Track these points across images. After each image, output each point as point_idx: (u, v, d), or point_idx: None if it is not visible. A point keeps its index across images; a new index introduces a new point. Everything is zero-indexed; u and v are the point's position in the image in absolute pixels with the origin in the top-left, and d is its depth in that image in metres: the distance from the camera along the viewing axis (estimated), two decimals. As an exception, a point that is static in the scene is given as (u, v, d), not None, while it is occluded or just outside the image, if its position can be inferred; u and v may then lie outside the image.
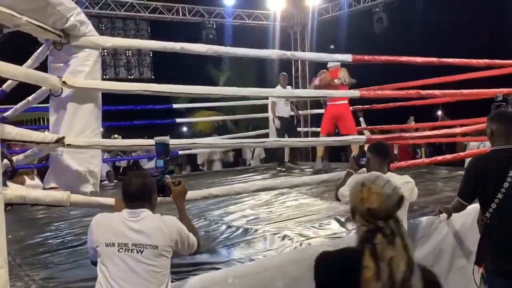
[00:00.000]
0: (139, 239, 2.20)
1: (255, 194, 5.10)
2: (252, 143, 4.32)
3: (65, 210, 4.96)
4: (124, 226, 2.24)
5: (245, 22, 11.06)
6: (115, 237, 2.22)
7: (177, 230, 2.31)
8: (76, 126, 2.98)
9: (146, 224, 2.24)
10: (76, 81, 2.81)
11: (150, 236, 2.21)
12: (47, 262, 3.18)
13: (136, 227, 2.23)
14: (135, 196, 2.31)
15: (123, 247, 2.19)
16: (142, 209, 2.29)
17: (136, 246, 2.19)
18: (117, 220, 2.28)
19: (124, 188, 2.35)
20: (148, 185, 2.36)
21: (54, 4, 2.56)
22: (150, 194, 2.36)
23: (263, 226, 3.64)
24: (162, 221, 2.29)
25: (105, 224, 2.29)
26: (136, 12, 9.76)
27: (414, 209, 3.64)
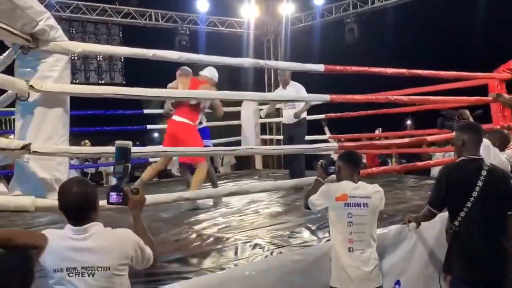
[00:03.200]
0: (88, 261, 2.02)
1: (226, 202, 5.09)
2: (225, 151, 4.29)
3: (31, 217, 4.83)
4: (69, 247, 2.04)
5: (218, 29, 11.07)
6: (61, 261, 2.02)
7: (132, 245, 2.12)
8: (43, 132, 2.90)
9: (95, 242, 2.05)
10: (44, 85, 2.74)
11: (100, 256, 2.03)
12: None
13: (83, 247, 2.03)
14: (79, 209, 2.08)
15: (72, 271, 2.01)
16: (90, 224, 2.08)
17: (86, 269, 2.01)
18: (61, 241, 2.06)
19: (63, 201, 2.11)
20: (91, 193, 2.13)
21: (23, 8, 2.49)
22: (95, 203, 2.15)
23: (234, 235, 3.62)
24: (115, 237, 2.11)
25: (50, 248, 2.06)
26: (108, 16, 9.64)
27: (383, 217, 3.69)
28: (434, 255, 3.68)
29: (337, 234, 2.98)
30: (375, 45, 15.91)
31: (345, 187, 2.99)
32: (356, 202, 2.95)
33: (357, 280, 2.89)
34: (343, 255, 2.92)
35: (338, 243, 2.96)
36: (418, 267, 3.64)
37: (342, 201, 2.95)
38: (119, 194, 2.31)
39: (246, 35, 11.43)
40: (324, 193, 3.04)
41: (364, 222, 2.97)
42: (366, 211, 2.97)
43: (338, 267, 2.94)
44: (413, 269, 3.61)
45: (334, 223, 3.01)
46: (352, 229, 2.93)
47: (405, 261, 3.56)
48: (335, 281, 2.95)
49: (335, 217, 2.99)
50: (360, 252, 2.92)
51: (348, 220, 2.94)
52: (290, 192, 5.44)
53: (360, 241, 2.94)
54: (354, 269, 2.89)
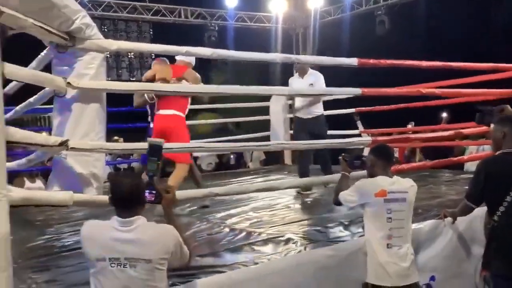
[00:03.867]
0: (132, 253, 2.05)
1: (257, 197, 5.10)
2: (255, 146, 4.30)
3: (67, 212, 4.96)
4: (114, 238, 2.08)
5: (247, 24, 11.07)
6: (105, 251, 2.07)
7: (174, 241, 2.16)
8: (81, 129, 2.97)
9: (140, 235, 2.09)
10: (81, 82, 2.80)
11: (144, 249, 2.06)
12: (50, 264, 3.17)
13: (128, 238, 2.07)
14: (128, 201, 2.12)
15: (115, 262, 2.05)
16: (136, 217, 2.13)
17: (129, 260, 2.05)
18: (107, 231, 2.11)
19: (114, 192, 2.16)
20: (141, 187, 2.19)
21: (59, 7, 2.55)
22: (141, 200, 2.20)
23: (266, 229, 3.63)
24: (158, 231, 2.15)
25: (94, 236, 2.14)
26: (139, 14, 9.78)
27: (418, 212, 3.62)
28: (470, 250, 3.60)
29: (374, 230, 2.91)
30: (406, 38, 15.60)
31: (382, 183, 2.93)
32: (395, 197, 2.90)
33: (395, 276, 2.84)
34: (381, 251, 2.87)
35: (375, 239, 2.90)
36: (454, 262, 3.57)
37: (381, 197, 2.88)
38: (152, 192, 2.31)
39: (275, 29, 11.40)
40: (360, 190, 2.97)
41: (403, 217, 2.93)
42: (405, 206, 2.93)
43: (375, 264, 2.89)
44: (449, 264, 3.54)
45: (371, 219, 2.94)
46: (391, 225, 2.88)
47: (440, 256, 3.49)
48: (371, 278, 2.90)
49: (373, 213, 2.92)
50: (398, 248, 2.88)
51: (387, 216, 2.88)
52: (320, 188, 5.41)
53: (399, 237, 2.89)
54: (392, 265, 2.85)
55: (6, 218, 2.02)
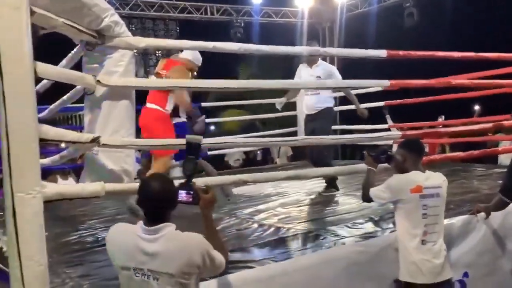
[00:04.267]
0: (154, 265, 1.96)
1: (285, 193, 5.08)
2: (283, 141, 4.28)
3: (99, 208, 5.05)
4: (138, 247, 1.99)
5: (273, 19, 11.04)
6: (130, 260, 2.00)
7: (201, 253, 1.99)
8: (111, 125, 3.01)
9: (164, 247, 1.96)
10: (110, 79, 2.83)
11: (166, 262, 1.95)
12: (83, 259, 3.23)
13: (151, 249, 1.97)
14: (157, 207, 2.01)
15: (139, 272, 1.97)
16: (163, 224, 2.00)
17: (152, 272, 1.95)
18: (131, 239, 2.01)
19: (143, 196, 2.04)
20: (171, 192, 2.06)
21: (89, 5, 2.59)
22: (174, 202, 2.08)
23: (295, 225, 3.62)
24: (183, 244, 2.00)
25: (119, 243, 2.06)
26: (166, 12, 9.88)
27: (450, 207, 3.55)
28: (506, 247, 3.51)
29: (409, 226, 2.84)
30: (435, 30, 15.29)
31: (417, 178, 2.86)
32: (430, 192, 2.84)
33: (429, 273, 2.79)
34: (415, 248, 2.81)
35: (409, 236, 2.83)
36: (487, 259, 3.48)
37: (417, 193, 2.81)
38: (189, 193, 2.18)
39: (300, 24, 11.33)
40: (394, 186, 2.89)
41: (437, 213, 2.87)
42: (439, 202, 2.87)
43: (408, 261, 2.83)
44: (482, 261, 3.45)
45: (405, 216, 2.86)
46: (426, 221, 2.82)
47: (473, 252, 3.41)
48: (404, 275, 2.85)
49: (408, 209, 2.84)
50: (432, 244, 2.82)
51: (422, 212, 2.82)
52: (348, 183, 5.36)
53: (433, 233, 2.84)
54: (426, 262, 2.79)
55: (41, 213, 2.06)
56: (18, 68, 2.00)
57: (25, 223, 2.00)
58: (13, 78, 1.99)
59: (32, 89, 2.07)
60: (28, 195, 2.01)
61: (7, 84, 1.98)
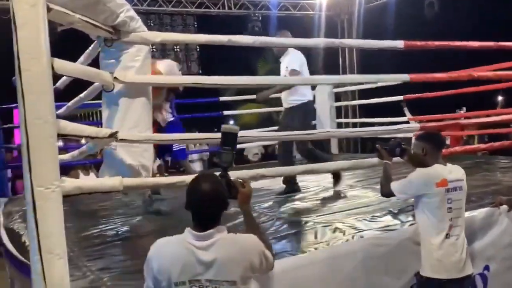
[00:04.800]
0: (213, 274, 1.82)
1: (303, 188, 5.06)
2: (300, 135, 4.26)
3: (118, 203, 5.12)
4: (192, 257, 1.83)
5: (291, 13, 10.97)
6: (185, 273, 1.83)
7: (258, 254, 1.90)
8: (129, 121, 3.03)
9: (219, 253, 1.83)
10: (127, 76, 2.85)
11: (226, 269, 1.82)
12: (103, 253, 3.28)
13: (207, 258, 1.82)
14: (210, 210, 1.87)
15: (196, 284, 1.82)
16: (215, 229, 1.86)
17: (211, 282, 1.81)
18: (182, 249, 1.85)
19: (194, 200, 1.89)
20: (222, 193, 1.91)
21: (104, 1, 2.60)
22: (226, 204, 1.92)
23: (313, 218, 3.60)
24: (239, 246, 1.88)
25: (169, 258, 1.87)
26: (183, 7, 9.89)
27: (471, 200, 3.49)
28: (529, 240, 3.44)
29: (434, 221, 2.77)
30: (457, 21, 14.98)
31: (442, 172, 2.80)
32: (454, 186, 2.79)
33: (452, 268, 2.74)
34: (439, 243, 2.75)
35: (434, 230, 2.77)
36: (509, 252, 3.42)
37: (443, 187, 2.75)
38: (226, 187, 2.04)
39: (318, 17, 11.23)
40: (419, 180, 2.81)
41: (461, 206, 2.82)
42: (462, 195, 2.82)
43: (431, 256, 2.77)
44: (504, 254, 3.39)
45: (430, 211, 2.78)
46: (451, 215, 2.77)
47: (495, 245, 3.35)
48: (426, 270, 2.79)
49: (433, 204, 2.77)
50: (455, 238, 2.77)
51: (448, 206, 2.76)
52: (367, 176, 5.32)
53: (457, 227, 2.78)
54: (449, 257, 2.74)
55: (60, 207, 2.09)
56: (36, 65, 2.02)
57: (45, 217, 2.03)
58: (31, 75, 2.01)
59: (50, 85, 2.09)
60: (48, 189, 2.04)
61: (26, 80, 2.01)
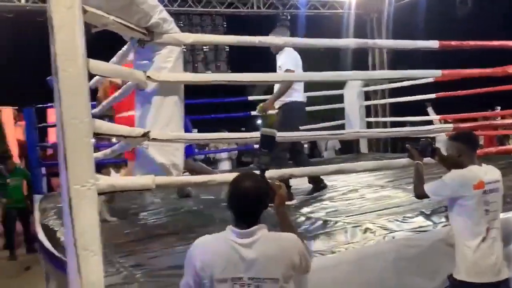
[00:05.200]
0: (255, 271, 1.83)
1: (332, 187, 5.04)
2: (330, 135, 4.23)
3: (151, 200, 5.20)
4: (235, 255, 1.86)
5: (319, 11, 10.92)
6: (227, 270, 1.85)
7: (298, 253, 1.93)
8: (161, 120, 3.08)
9: (262, 251, 1.85)
10: (160, 75, 2.89)
11: (269, 267, 1.84)
12: (135, 250, 3.33)
13: (249, 255, 1.85)
14: (252, 209, 1.90)
15: (237, 282, 1.84)
16: (257, 226, 1.89)
17: (253, 280, 1.83)
18: (225, 247, 1.88)
19: (236, 197, 1.93)
20: (265, 192, 1.95)
21: (138, 3, 2.66)
22: (267, 203, 1.96)
23: (343, 218, 3.58)
24: (281, 245, 1.91)
25: (211, 255, 1.90)
26: (213, 7, 9.97)
27: (507, 201, 3.40)
28: None
29: (470, 224, 2.69)
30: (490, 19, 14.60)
31: (478, 173, 2.72)
32: (491, 188, 2.71)
33: (489, 271, 2.66)
34: (475, 246, 2.67)
35: (470, 233, 2.69)
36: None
37: (480, 189, 2.68)
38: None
39: (347, 15, 11.14)
40: (455, 182, 2.73)
41: (497, 208, 2.75)
42: (498, 197, 2.75)
43: (467, 259, 2.69)
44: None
45: (466, 213, 2.70)
46: (488, 218, 2.69)
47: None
48: (461, 274, 2.70)
49: (470, 206, 2.69)
50: (492, 241, 2.69)
51: (484, 208, 2.69)
52: (398, 177, 5.25)
53: (493, 229, 2.70)
54: (485, 260, 2.66)
55: (95, 205, 2.14)
56: (72, 65, 2.08)
57: (80, 214, 2.08)
58: (68, 76, 2.07)
59: (85, 86, 2.14)
60: (83, 187, 2.09)
61: (62, 81, 2.06)
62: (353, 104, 8.30)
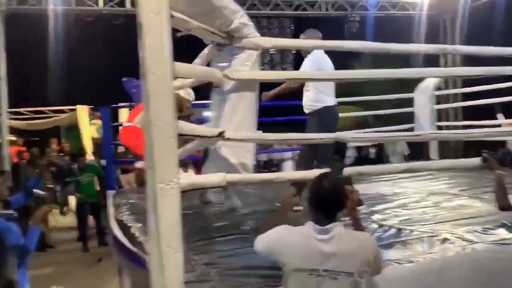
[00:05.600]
0: (332, 265, 1.95)
1: (403, 194, 4.89)
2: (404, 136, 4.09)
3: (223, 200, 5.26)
4: (314, 248, 1.99)
5: (389, 12, 10.66)
6: (304, 261, 1.98)
7: (374, 252, 2.05)
8: (235, 120, 3.13)
9: (339, 246, 1.98)
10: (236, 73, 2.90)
11: (345, 261, 1.96)
12: (206, 248, 3.37)
13: (328, 249, 1.97)
14: (332, 209, 2.04)
15: (313, 273, 1.96)
16: (333, 224, 2.03)
17: (329, 272, 1.95)
18: (305, 240, 2.01)
19: (316, 197, 2.07)
20: (344, 192, 2.10)
21: (221, 8, 2.71)
22: (344, 205, 2.11)
23: (418, 227, 3.46)
24: (357, 241, 2.05)
25: (292, 246, 2.03)
26: (280, 10, 10.02)
27: None
28: None
29: None
30: None
31: None
32: None
33: None
34: None
35: None
36: None
37: None
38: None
39: (418, 16, 10.79)
40: None
41: None
42: None
43: None
44: None
45: None
46: None
47: None
48: None
49: None
50: None
51: None
52: (472, 185, 5.02)
53: None
54: None
55: (178, 203, 2.20)
56: (160, 68, 2.15)
57: (165, 212, 2.16)
58: (155, 79, 2.14)
59: (171, 88, 2.21)
60: (168, 186, 2.17)
61: (150, 85, 2.14)
62: (423, 107, 8.03)
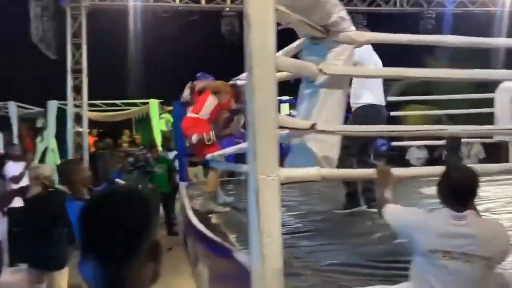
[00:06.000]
0: (467, 248, 2.04)
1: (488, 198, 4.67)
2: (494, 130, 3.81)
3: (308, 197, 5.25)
4: (449, 232, 2.09)
5: (468, 9, 10.22)
6: (439, 243, 2.09)
7: (506, 242, 2.09)
8: (324, 114, 3.11)
9: (476, 232, 2.06)
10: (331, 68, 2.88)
11: (483, 246, 2.03)
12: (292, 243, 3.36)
13: (463, 233, 2.07)
14: (469, 197, 2.15)
15: (447, 255, 2.06)
16: (468, 211, 2.12)
17: (463, 255, 2.03)
18: (443, 223, 2.12)
19: (455, 185, 2.15)
20: (476, 182, 2.16)
21: (322, 2, 2.70)
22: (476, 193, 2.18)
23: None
24: (493, 228, 2.15)
25: (429, 225, 2.17)
26: (353, 6, 9.85)
27: None
28: None
29: None
30: None
31: None
32: None
33: None
34: None
35: None
36: None
37: None
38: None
39: (500, 14, 10.27)
40: None
41: None
42: None
43: None
44: None
45: None
46: None
47: None
48: None
49: None
50: None
51: None
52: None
53: None
54: None
55: (278, 195, 2.22)
56: (265, 63, 2.17)
57: (266, 203, 2.18)
58: (260, 73, 2.16)
59: (274, 81, 2.22)
60: (269, 177, 2.18)
61: (256, 77, 2.16)
62: (505, 108, 7.65)
